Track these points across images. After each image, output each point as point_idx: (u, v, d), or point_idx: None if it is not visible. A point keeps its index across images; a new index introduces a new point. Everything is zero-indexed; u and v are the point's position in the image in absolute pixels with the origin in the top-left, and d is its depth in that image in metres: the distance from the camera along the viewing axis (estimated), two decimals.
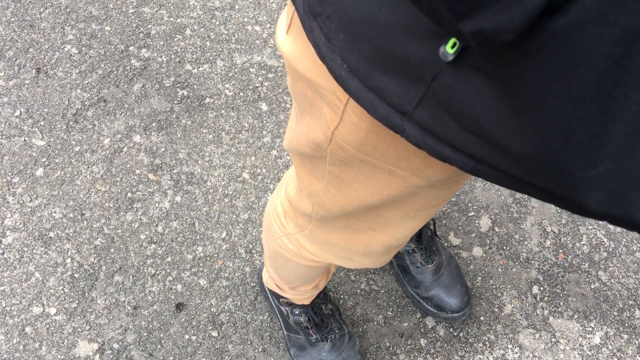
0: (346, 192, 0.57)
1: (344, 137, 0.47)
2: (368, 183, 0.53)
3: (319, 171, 0.58)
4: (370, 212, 0.59)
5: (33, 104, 1.46)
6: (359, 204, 0.57)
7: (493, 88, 0.32)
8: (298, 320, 1.15)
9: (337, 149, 0.50)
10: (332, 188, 0.58)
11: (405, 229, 0.62)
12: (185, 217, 1.33)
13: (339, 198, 0.58)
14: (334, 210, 0.61)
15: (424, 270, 1.21)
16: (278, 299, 1.16)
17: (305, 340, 1.16)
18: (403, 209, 0.57)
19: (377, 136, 0.45)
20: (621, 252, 1.34)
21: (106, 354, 1.20)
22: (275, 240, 0.83)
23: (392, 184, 0.51)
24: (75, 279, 1.26)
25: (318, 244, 0.74)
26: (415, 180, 0.49)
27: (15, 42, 1.54)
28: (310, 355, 1.16)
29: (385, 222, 0.61)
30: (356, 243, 0.67)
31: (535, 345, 1.24)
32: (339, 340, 1.16)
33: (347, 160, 0.51)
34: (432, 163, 0.47)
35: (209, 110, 1.47)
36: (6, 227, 1.31)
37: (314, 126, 0.51)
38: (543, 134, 0.31)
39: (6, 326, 1.21)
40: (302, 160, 0.60)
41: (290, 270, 0.93)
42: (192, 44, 1.56)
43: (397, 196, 0.53)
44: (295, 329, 1.17)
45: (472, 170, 0.38)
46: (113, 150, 1.40)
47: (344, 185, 0.56)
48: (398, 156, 0.47)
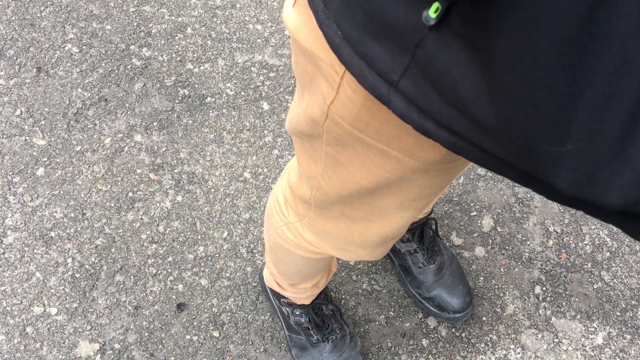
0: (342, 175, 0.57)
1: (339, 112, 0.48)
2: (362, 165, 0.53)
3: (316, 153, 0.58)
4: (365, 199, 0.59)
5: (34, 103, 1.45)
6: (354, 187, 0.57)
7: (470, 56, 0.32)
8: (299, 320, 1.15)
9: (332, 125, 0.50)
10: (328, 171, 0.59)
11: (400, 219, 0.63)
12: (187, 216, 1.33)
13: (335, 181, 0.59)
14: (331, 194, 0.62)
15: (426, 270, 1.20)
16: (279, 299, 1.16)
17: (306, 341, 1.16)
18: (397, 198, 0.58)
19: (370, 111, 0.45)
20: (624, 252, 1.34)
21: (107, 354, 1.19)
22: (276, 230, 0.84)
23: (386, 166, 0.51)
24: (76, 279, 1.26)
25: (316, 234, 0.75)
26: (408, 162, 0.50)
27: (16, 41, 1.54)
28: (312, 356, 1.16)
29: (380, 212, 0.61)
30: (352, 233, 0.68)
31: (537, 345, 1.23)
32: (340, 340, 1.16)
33: (342, 139, 0.51)
34: (424, 144, 0.47)
35: (210, 110, 1.46)
36: (7, 226, 1.31)
37: (312, 102, 0.51)
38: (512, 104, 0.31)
39: (7, 326, 1.21)
40: (302, 142, 0.61)
41: (289, 264, 0.93)
42: (193, 42, 1.56)
43: (391, 180, 0.54)
44: (296, 330, 1.16)
45: (453, 147, 0.38)
46: (114, 149, 1.40)
47: (340, 167, 0.56)
48: (390, 135, 0.47)
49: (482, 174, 1.42)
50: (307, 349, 1.16)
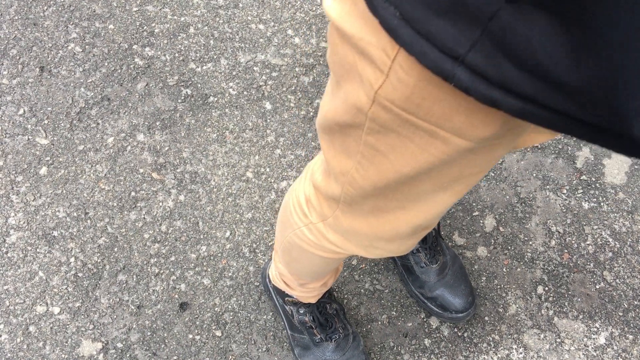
0: (380, 165, 0.57)
1: (389, 95, 0.48)
2: (405, 150, 0.53)
3: (351, 147, 0.58)
4: (402, 187, 0.59)
5: (37, 103, 1.45)
6: (393, 176, 0.57)
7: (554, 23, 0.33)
8: (302, 319, 1.15)
9: (379, 110, 0.50)
10: (365, 162, 0.58)
11: (436, 204, 0.62)
12: (189, 216, 1.33)
13: (372, 173, 0.58)
14: (366, 187, 0.61)
15: (428, 270, 1.20)
16: (283, 298, 1.16)
17: (309, 340, 1.16)
18: (436, 180, 0.57)
19: (423, 92, 0.46)
20: (626, 252, 1.34)
21: (110, 353, 1.20)
22: (294, 231, 0.83)
23: (431, 149, 0.51)
24: (79, 278, 1.26)
25: (341, 233, 0.74)
26: (455, 142, 0.50)
27: (19, 41, 1.54)
28: (315, 355, 1.16)
29: (416, 197, 0.61)
30: (382, 227, 0.67)
31: (540, 345, 1.23)
32: (343, 340, 1.16)
33: (387, 124, 0.51)
34: (475, 122, 0.47)
35: (213, 109, 1.46)
36: (10, 226, 1.31)
37: (355, 90, 0.52)
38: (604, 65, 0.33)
39: (10, 325, 1.21)
40: (333, 138, 0.61)
41: (304, 263, 0.93)
42: (195, 42, 1.56)
43: (434, 164, 0.53)
44: (300, 329, 1.17)
45: (520, 112, 0.39)
46: (117, 149, 1.40)
47: (379, 157, 0.56)
48: (442, 115, 0.47)
49: None
50: (310, 348, 1.16)
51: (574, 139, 1.46)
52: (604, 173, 1.43)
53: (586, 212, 1.38)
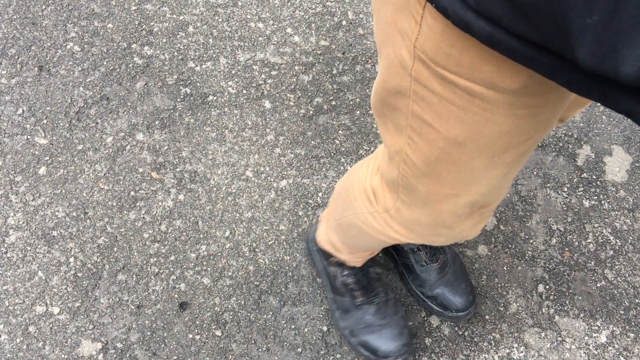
0: (429, 135, 0.58)
1: (424, 46, 0.50)
2: (449, 115, 0.54)
3: (401, 121, 0.60)
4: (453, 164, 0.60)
5: (35, 102, 1.45)
6: (442, 145, 0.58)
7: None
8: (345, 281, 1.16)
9: (420, 67, 0.52)
10: (415, 136, 0.60)
11: (489, 180, 0.62)
12: (189, 215, 1.33)
13: (423, 145, 0.60)
14: (419, 163, 0.62)
15: (428, 269, 1.20)
16: (328, 259, 1.17)
17: (350, 303, 1.17)
18: (486, 154, 0.57)
19: (450, 39, 0.47)
20: (627, 250, 1.33)
21: (110, 353, 1.19)
22: (357, 215, 0.84)
23: (473, 107, 0.52)
24: (78, 278, 1.26)
25: (404, 225, 0.75)
26: (492, 97, 0.50)
27: (18, 40, 1.54)
28: (355, 318, 1.17)
29: (468, 179, 0.61)
30: (441, 214, 0.68)
31: (540, 344, 1.23)
32: (384, 304, 1.17)
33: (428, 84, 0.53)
34: (504, 72, 0.48)
35: (212, 108, 1.46)
36: (9, 226, 1.31)
37: (398, 49, 0.54)
38: None
39: (10, 325, 1.21)
40: (384, 118, 0.63)
41: (361, 241, 0.94)
42: (195, 41, 1.56)
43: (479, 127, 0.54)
44: (342, 291, 1.17)
45: (489, 39, 0.41)
46: (116, 148, 1.40)
47: (426, 128, 0.57)
48: (471, 65, 0.48)
49: None
50: (351, 310, 1.17)
51: (575, 136, 1.46)
52: (605, 171, 1.42)
53: (587, 210, 1.38)
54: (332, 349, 1.21)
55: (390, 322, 1.15)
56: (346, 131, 1.44)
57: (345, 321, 1.17)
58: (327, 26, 1.59)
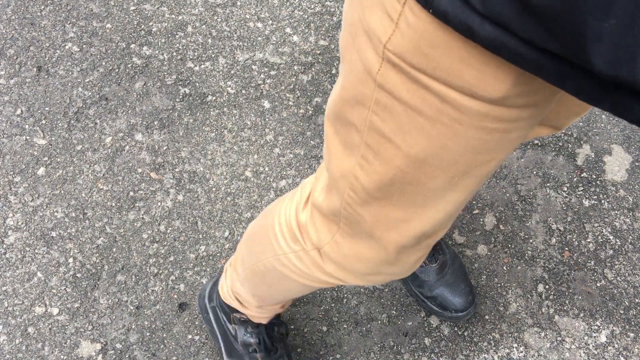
0: (386, 154, 0.55)
1: (398, 47, 0.47)
2: (414, 127, 0.51)
3: (354, 137, 0.57)
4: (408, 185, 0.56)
5: (34, 103, 1.45)
6: (400, 163, 0.54)
7: None
8: (247, 341, 1.08)
9: (388, 71, 0.49)
10: (369, 155, 0.56)
11: (445, 205, 0.59)
12: (188, 216, 1.33)
13: (377, 165, 0.56)
14: (370, 187, 0.58)
15: (427, 269, 1.20)
16: (228, 315, 1.09)
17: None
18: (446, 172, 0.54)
19: (432, 38, 0.45)
20: (627, 250, 1.33)
21: (109, 354, 1.19)
22: (276, 256, 0.78)
23: (442, 118, 0.49)
24: (77, 279, 1.26)
25: (339, 263, 0.69)
26: (467, 105, 0.48)
27: (16, 40, 1.54)
28: None
29: (424, 200, 0.58)
30: (386, 246, 0.64)
31: (540, 344, 1.23)
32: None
33: (395, 91, 0.50)
34: (486, 78, 0.46)
35: (211, 108, 1.46)
36: (8, 226, 1.31)
37: (367, 49, 0.50)
38: None
39: (9, 326, 1.21)
40: (336, 131, 0.60)
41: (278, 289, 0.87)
42: (193, 41, 1.55)
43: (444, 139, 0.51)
44: (240, 353, 1.09)
45: (494, 43, 0.39)
46: (115, 148, 1.40)
47: (384, 144, 0.54)
48: (450, 69, 0.46)
49: None
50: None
51: (574, 136, 1.46)
52: (605, 170, 1.42)
53: (587, 210, 1.37)
54: (331, 350, 1.21)
55: None
56: None
57: None
58: (327, 26, 1.59)
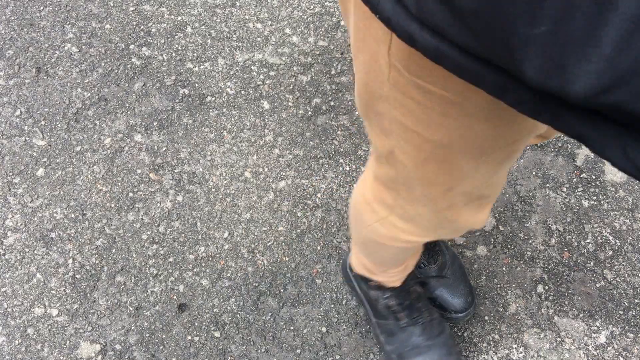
0: (414, 141, 0.57)
1: (397, 55, 0.48)
2: (430, 121, 0.53)
3: (386, 126, 0.59)
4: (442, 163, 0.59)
5: (33, 104, 1.45)
6: (428, 147, 0.57)
7: None
8: (387, 304, 1.13)
9: (396, 75, 0.51)
10: (401, 141, 0.59)
11: (481, 176, 0.61)
12: (187, 217, 1.33)
13: (410, 149, 0.59)
14: (410, 165, 0.62)
15: (427, 270, 1.20)
16: (367, 284, 1.14)
17: (394, 325, 1.14)
18: (472, 154, 0.56)
19: None
20: (627, 251, 1.33)
21: (108, 355, 1.19)
22: (367, 227, 0.83)
23: (452, 112, 0.51)
24: (76, 280, 1.26)
25: (410, 220, 0.74)
26: (467, 107, 0.49)
27: (15, 41, 1.53)
28: (401, 341, 1.14)
29: (460, 174, 0.60)
30: (441, 209, 0.68)
31: (540, 344, 1.23)
32: (429, 323, 1.14)
33: (406, 91, 0.51)
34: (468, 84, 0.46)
35: (211, 109, 1.46)
36: (7, 227, 1.30)
37: (375, 53, 0.52)
38: None
39: (8, 327, 1.21)
40: (370, 122, 0.62)
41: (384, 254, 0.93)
42: (193, 41, 1.55)
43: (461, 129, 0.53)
44: (384, 314, 1.15)
45: (435, 53, 0.38)
46: (114, 149, 1.40)
47: (409, 133, 0.56)
48: (443, 74, 0.46)
49: None
50: (396, 333, 1.14)
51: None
52: (604, 171, 1.42)
53: (586, 210, 1.37)
54: (331, 350, 1.21)
55: (438, 342, 1.13)
56: (345, 132, 1.44)
57: (391, 345, 1.14)
58: (326, 26, 1.58)
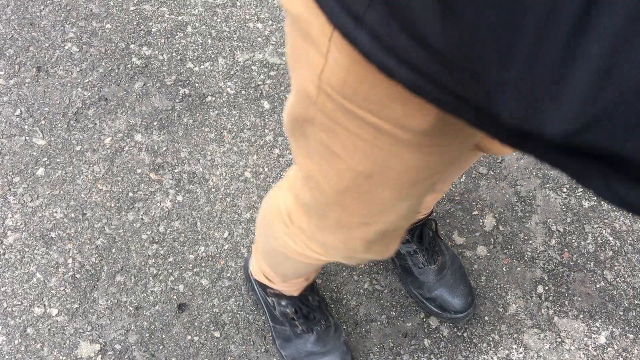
0: (337, 165, 0.56)
1: (329, 79, 0.48)
2: (356, 148, 0.52)
3: (311, 146, 0.58)
4: (362, 193, 0.58)
5: (34, 103, 1.45)
6: (350, 176, 0.56)
7: None
8: (284, 311, 1.14)
9: (325, 99, 0.50)
10: (324, 164, 0.58)
11: (400, 210, 0.61)
12: (187, 216, 1.33)
13: (332, 174, 0.58)
14: (329, 191, 0.61)
15: (426, 270, 1.20)
16: (265, 290, 1.15)
17: (290, 332, 1.16)
18: (394, 187, 0.56)
19: (357, 75, 0.45)
20: (627, 251, 1.33)
21: (108, 354, 1.19)
22: (277, 240, 0.83)
23: (379, 143, 0.50)
24: (76, 280, 1.26)
25: (322, 247, 0.74)
26: (400, 135, 0.49)
27: (16, 41, 1.53)
28: (296, 347, 1.16)
29: (378, 210, 0.60)
30: (353, 240, 0.67)
31: (540, 345, 1.23)
32: (325, 331, 1.15)
33: (334, 117, 0.51)
34: (413, 112, 0.46)
35: (211, 109, 1.46)
36: (7, 227, 1.30)
37: (305, 77, 0.51)
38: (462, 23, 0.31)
39: (8, 327, 1.21)
40: (296, 140, 0.61)
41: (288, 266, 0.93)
42: (193, 41, 1.55)
43: (386, 161, 0.53)
44: (281, 320, 1.16)
45: (413, 86, 0.38)
46: (114, 149, 1.40)
47: (334, 158, 0.56)
48: (379, 102, 0.46)
49: (483, 172, 1.41)
50: (291, 339, 1.16)
51: None
52: None
53: (586, 211, 1.37)
54: None
55: (332, 349, 1.14)
56: None
57: (287, 350, 1.17)
58: None
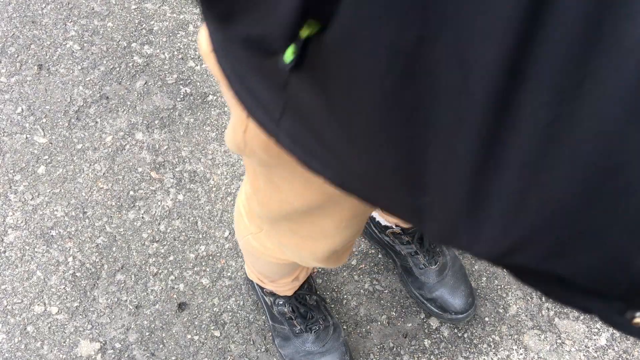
0: (278, 195, 0.56)
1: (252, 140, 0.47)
2: (292, 186, 0.53)
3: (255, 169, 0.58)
4: (305, 218, 0.58)
5: (35, 101, 1.45)
6: (289, 207, 0.56)
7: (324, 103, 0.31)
8: (282, 310, 1.15)
9: (253, 150, 0.50)
10: (268, 189, 0.58)
11: (344, 236, 0.62)
12: (188, 215, 1.33)
13: (275, 200, 0.58)
14: (274, 211, 0.61)
15: (427, 271, 1.19)
16: (262, 289, 1.16)
17: (289, 331, 1.16)
18: (333, 219, 0.57)
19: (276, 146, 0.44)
20: None
21: (108, 353, 1.19)
22: (243, 238, 0.84)
23: (312, 188, 0.51)
24: (77, 278, 1.26)
25: (276, 245, 0.74)
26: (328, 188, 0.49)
27: (17, 39, 1.53)
28: (295, 346, 1.16)
29: (322, 233, 0.61)
30: (303, 249, 0.67)
31: (540, 346, 1.23)
32: (323, 331, 1.15)
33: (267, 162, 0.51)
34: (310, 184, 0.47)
35: (212, 108, 1.46)
36: (8, 225, 1.30)
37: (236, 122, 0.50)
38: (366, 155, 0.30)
39: (8, 325, 1.21)
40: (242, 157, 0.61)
41: (262, 266, 0.95)
42: (195, 40, 1.55)
43: (321, 202, 0.53)
44: (279, 320, 1.16)
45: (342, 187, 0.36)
46: (115, 148, 1.40)
47: (274, 187, 0.56)
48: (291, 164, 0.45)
49: None
50: (290, 339, 1.16)
51: None
52: None
53: None
54: None
55: (331, 349, 1.14)
56: None
57: (285, 349, 1.16)
58: None
